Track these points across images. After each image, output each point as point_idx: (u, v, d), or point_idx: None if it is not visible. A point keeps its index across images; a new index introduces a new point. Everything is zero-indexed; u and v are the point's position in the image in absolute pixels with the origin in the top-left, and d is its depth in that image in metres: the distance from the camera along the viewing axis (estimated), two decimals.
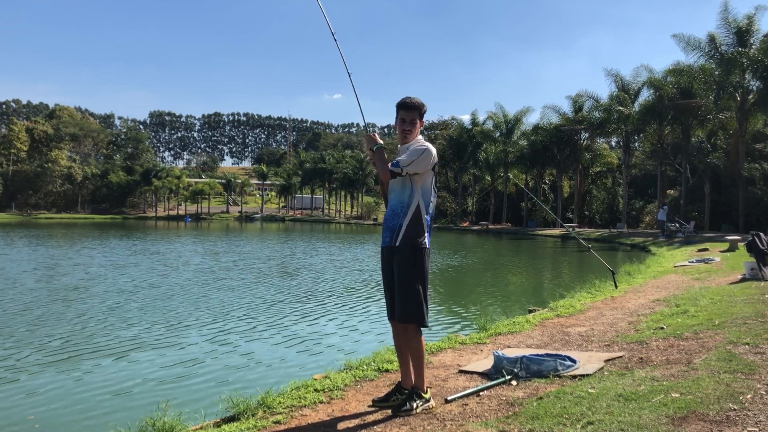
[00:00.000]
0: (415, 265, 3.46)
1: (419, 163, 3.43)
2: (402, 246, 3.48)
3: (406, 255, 3.47)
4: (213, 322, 9.36)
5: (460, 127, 57.25)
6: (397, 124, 3.63)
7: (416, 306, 3.44)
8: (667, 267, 13.92)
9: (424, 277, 3.49)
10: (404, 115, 3.57)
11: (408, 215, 3.49)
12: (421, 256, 3.48)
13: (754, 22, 30.03)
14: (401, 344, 3.60)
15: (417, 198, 3.50)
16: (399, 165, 3.43)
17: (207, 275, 15.69)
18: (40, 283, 13.85)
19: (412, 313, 3.44)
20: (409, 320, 3.46)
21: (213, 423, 3.83)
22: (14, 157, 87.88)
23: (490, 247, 29.41)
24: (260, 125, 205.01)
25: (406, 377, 3.61)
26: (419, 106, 3.58)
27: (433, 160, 3.50)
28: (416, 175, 3.48)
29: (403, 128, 3.59)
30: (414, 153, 3.44)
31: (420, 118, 3.61)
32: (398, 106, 3.59)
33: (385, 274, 3.63)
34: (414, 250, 3.47)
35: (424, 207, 3.52)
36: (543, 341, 5.67)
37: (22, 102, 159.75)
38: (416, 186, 3.50)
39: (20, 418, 5.17)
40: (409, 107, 3.56)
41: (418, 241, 3.48)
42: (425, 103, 3.61)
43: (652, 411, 3.10)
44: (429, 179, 3.54)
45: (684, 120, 34.01)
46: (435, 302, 12.16)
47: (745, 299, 7.13)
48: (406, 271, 3.45)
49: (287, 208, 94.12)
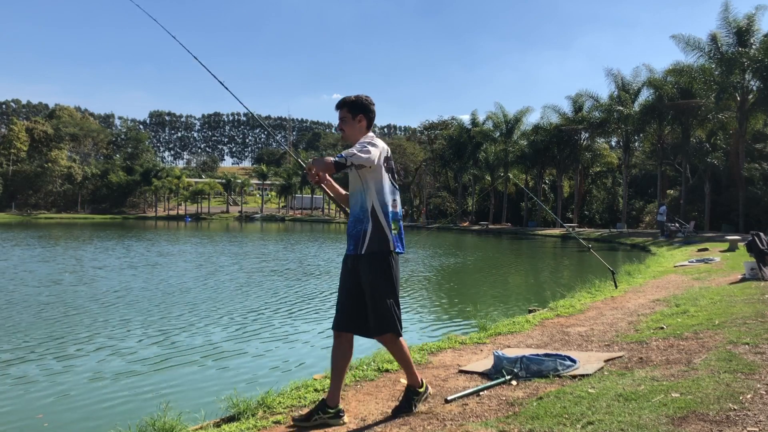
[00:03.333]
0: (384, 272, 3.31)
1: (364, 154, 3.20)
2: (367, 254, 3.32)
3: (372, 263, 3.31)
4: (213, 321, 9.36)
5: (459, 127, 57.19)
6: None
7: (390, 317, 3.30)
8: (667, 267, 13.92)
9: (394, 284, 3.35)
10: (339, 116, 3.50)
11: (370, 221, 3.33)
12: (388, 263, 3.33)
13: (754, 22, 30.00)
14: (338, 358, 3.46)
15: (372, 199, 3.34)
16: (342, 155, 3.21)
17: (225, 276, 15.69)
18: (51, 285, 13.86)
19: (388, 325, 3.31)
20: (385, 332, 3.34)
21: (213, 423, 3.83)
22: (14, 157, 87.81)
23: (490, 247, 29.40)
24: (260, 125, 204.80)
25: (334, 394, 3.47)
26: (346, 101, 3.46)
27: (380, 154, 3.29)
28: (367, 175, 3.32)
29: (339, 127, 3.50)
30: (357, 145, 3.28)
31: (352, 113, 3.44)
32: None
33: (344, 283, 3.46)
34: (380, 257, 3.32)
35: (380, 208, 3.34)
36: (543, 341, 5.67)
37: (21, 102, 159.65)
38: (369, 186, 3.34)
39: (29, 416, 5.22)
40: (337, 107, 3.48)
41: (383, 247, 3.32)
42: (366, 97, 3.47)
43: (652, 411, 3.10)
44: (381, 177, 3.35)
45: (684, 120, 33.99)
46: (435, 302, 12.17)
47: (745, 299, 7.13)
48: (374, 281, 3.30)
49: (287, 208, 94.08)
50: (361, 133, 3.45)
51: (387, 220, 3.35)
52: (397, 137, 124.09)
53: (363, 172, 3.33)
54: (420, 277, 15.77)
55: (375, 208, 3.34)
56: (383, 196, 3.36)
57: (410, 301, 11.94)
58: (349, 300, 3.42)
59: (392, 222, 3.38)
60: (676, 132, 35.84)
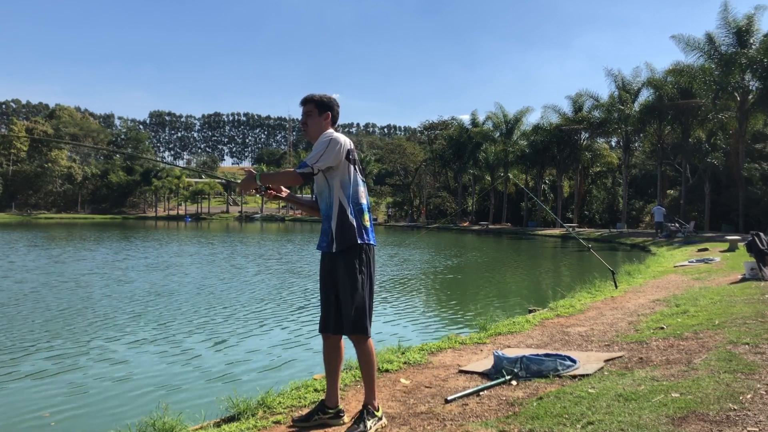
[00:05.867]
0: (355, 268, 3.25)
1: (327, 155, 3.18)
2: (338, 251, 3.26)
3: (344, 260, 3.26)
4: (214, 321, 9.36)
5: (459, 127, 57.20)
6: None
7: (360, 316, 3.23)
8: (667, 267, 13.92)
9: (365, 280, 3.27)
10: (303, 110, 3.44)
11: (335, 217, 3.28)
12: (360, 258, 3.27)
13: (753, 22, 29.99)
14: (331, 358, 3.43)
15: (336, 195, 3.27)
16: (306, 164, 3.19)
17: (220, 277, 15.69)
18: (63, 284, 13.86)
19: (355, 324, 3.23)
20: (354, 332, 3.25)
21: (213, 423, 3.82)
22: (14, 157, 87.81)
23: (490, 247, 29.40)
24: (260, 125, 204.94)
25: (332, 394, 3.46)
26: (313, 98, 3.40)
27: (343, 149, 3.23)
28: (330, 170, 3.26)
29: (303, 122, 3.43)
30: (319, 146, 3.22)
31: (320, 109, 3.38)
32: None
33: (323, 283, 3.41)
34: (350, 253, 3.26)
35: (347, 201, 3.27)
36: (543, 341, 5.67)
37: (21, 102, 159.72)
38: (333, 182, 3.27)
39: (36, 414, 5.25)
40: (302, 102, 3.43)
41: (351, 242, 3.25)
42: (329, 94, 3.44)
43: (652, 411, 3.10)
44: (346, 170, 3.28)
45: (684, 120, 34.00)
46: (435, 302, 12.17)
47: (745, 299, 7.14)
48: (345, 278, 3.24)
49: (287, 208, 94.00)
50: (324, 130, 3.37)
51: (355, 214, 3.29)
52: (397, 137, 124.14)
53: (327, 170, 3.28)
54: (420, 277, 15.77)
55: (342, 203, 3.28)
56: (349, 190, 3.29)
57: (410, 301, 11.95)
58: (328, 300, 3.37)
59: (361, 214, 3.32)
60: (676, 132, 35.84)
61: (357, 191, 3.32)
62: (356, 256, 3.27)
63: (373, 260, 3.37)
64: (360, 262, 3.28)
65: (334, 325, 3.35)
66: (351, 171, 3.31)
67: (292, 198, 3.69)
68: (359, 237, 3.27)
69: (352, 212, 3.28)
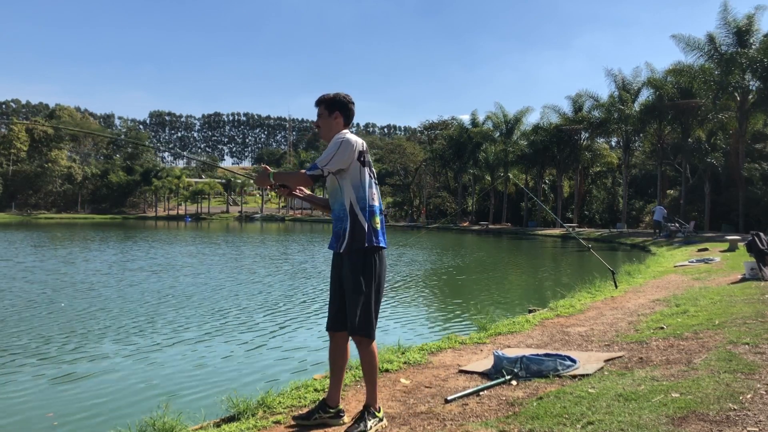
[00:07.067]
0: (363, 269, 3.25)
1: (339, 157, 3.20)
2: (346, 252, 3.27)
3: (352, 261, 3.26)
4: (213, 321, 9.35)
5: (459, 127, 57.18)
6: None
7: (365, 318, 3.23)
8: (667, 267, 13.92)
9: (372, 282, 3.27)
10: (317, 113, 3.46)
11: (348, 218, 3.27)
12: (370, 260, 3.26)
13: (753, 22, 29.98)
14: (336, 358, 3.46)
15: (347, 196, 3.27)
16: (317, 166, 3.20)
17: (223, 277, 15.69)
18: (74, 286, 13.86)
19: (360, 326, 3.23)
20: (357, 333, 3.25)
21: (213, 423, 3.83)
22: (14, 157, 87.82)
23: (490, 247, 29.39)
24: (260, 125, 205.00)
25: (334, 394, 3.47)
26: (323, 99, 3.42)
27: (354, 150, 3.24)
28: (341, 172, 3.26)
29: (316, 124, 3.46)
30: (330, 148, 3.23)
31: (329, 109, 3.40)
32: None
33: (333, 282, 3.44)
34: (359, 255, 3.25)
35: (357, 204, 3.27)
36: (543, 341, 5.67)
37: (21, 102, 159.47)
38: (344, 183, 3.27)
39: (40, 415, 5.25)
40: (316, 104, 3.46)
41: (361, 244, 3.25)
42: (345, 95, 3.44)
43: (652, 411, 3.11)
44: (357, 172, 3.27)
45: (684, 120, 33.98)
46: (435, 302, 12.17)
47: (745, 299, 7.13)
48: (352, 279, 3.25)
49: (287, 208, 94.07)
50: (337, 130, 3.38)
51: (366, 216, 3.28)
52: (397, 137, 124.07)
53: (338, 172, 3.29)
54: (420, 277, 15.77)
55: (353, 204, 3.27)
56: (360, 192, 3.28)
57: (410, 301, 11.95)
58: (337, 299, 3.39)
59: (372, 216, 3.31)
60: (676, 132, 35.81)
61: (369, 193, 3.30)
62: (364, 258, 3.27)
63: (382, 263, 3.36)
64: (367, 264, 3.27)
65: (339, 325, 3.37)
66: (363, 173, 3.29)
67: (308, 197, 3.71)
68: (368, 239, 3.26)
69: (362, 214, 3.27)
